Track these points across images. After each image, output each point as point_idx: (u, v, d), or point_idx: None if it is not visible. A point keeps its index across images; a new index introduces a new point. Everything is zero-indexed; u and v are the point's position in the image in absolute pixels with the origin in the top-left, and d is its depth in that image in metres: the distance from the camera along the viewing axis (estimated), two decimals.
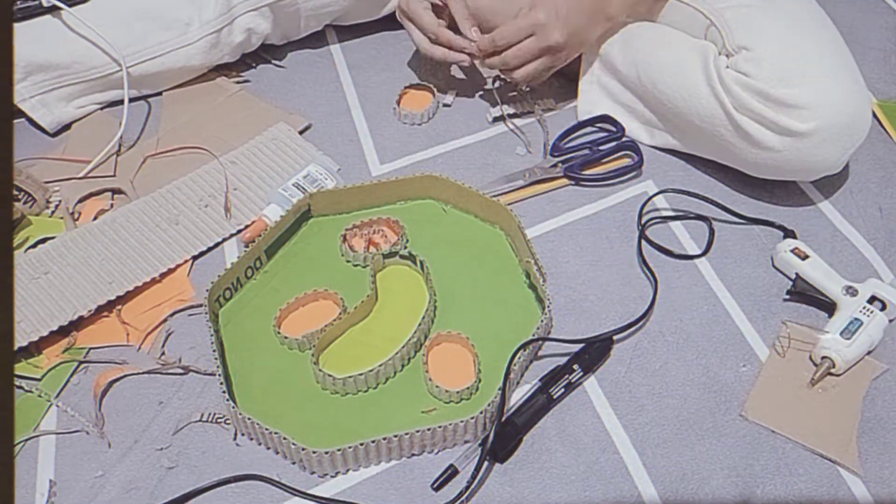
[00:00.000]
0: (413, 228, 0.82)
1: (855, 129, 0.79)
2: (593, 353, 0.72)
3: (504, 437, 0.66)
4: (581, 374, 0.70)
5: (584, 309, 0.77)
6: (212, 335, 0.70)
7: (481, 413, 0.66)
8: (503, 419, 0.67)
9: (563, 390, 0.69)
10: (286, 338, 0.72)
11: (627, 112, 0.93)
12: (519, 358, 0.69)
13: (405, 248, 0.80)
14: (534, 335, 0.71)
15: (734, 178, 0.88)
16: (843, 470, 0.67)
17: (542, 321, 0.72)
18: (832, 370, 0.72)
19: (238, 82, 0.99)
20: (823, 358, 0.72)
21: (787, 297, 0.78)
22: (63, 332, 0.73)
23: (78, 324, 0.74)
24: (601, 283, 0.79)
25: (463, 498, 0.64)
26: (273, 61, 1.02)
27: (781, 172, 0.83)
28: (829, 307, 0.76)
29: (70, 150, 0.90)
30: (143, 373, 0.71)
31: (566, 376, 0.70)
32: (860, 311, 0.73)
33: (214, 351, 0.68)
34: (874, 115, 0.97)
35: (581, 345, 0.73)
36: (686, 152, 0.91)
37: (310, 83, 0.99)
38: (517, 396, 0.70)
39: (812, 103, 0.76)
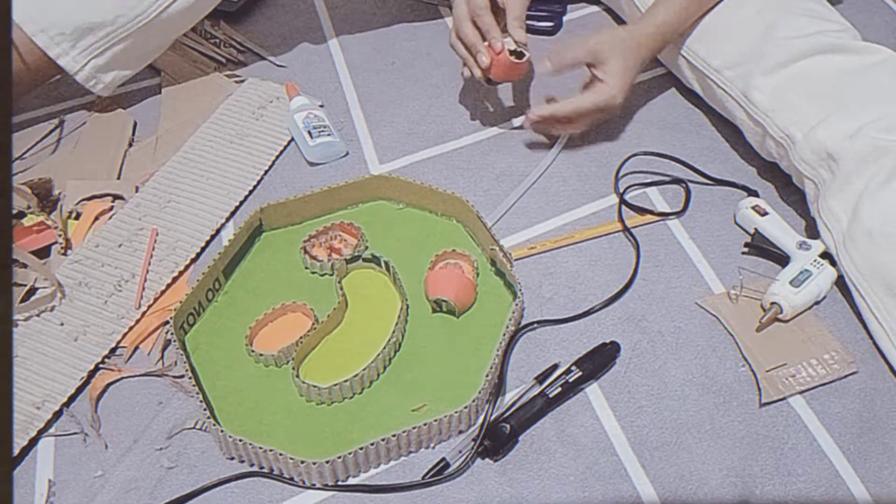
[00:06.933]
0: (370, 231, 0.81)
1: None
2: (597, 359, 0.72)
3: (496, 435, 0.66)
4: (578, 374, 0.70)
5: (585, 309, 0.77)
6: (184, 362, 0.68)
7: (473, 402, 0.66)
8: (497, 417, 0.67)
9: (559, 389, 0.69)
10: (261, 355, 0.71)
11: None
12: (509, 348, 0.69)
13: (366, 250, 0.80)
14: (509, 320, 0.72)
15: (698, 143, 0.90)
16: (842, 470, 0.67)
17: (515, 305, 0.73)
18: (779, 316, 0.74)
19: (238, 82, 0.99)
20: (772, 304, 0.74)
21: (745, 250, 0.81)
22: None
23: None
24: (602, 283, 0.79)
25: (448, 482, 0.65)
26: (273, 61, 1.02)
27: None
28: (784, 261, 0.79)
29: (81, 147, 0.90)
30: (139, 375, 0.71)
31: (563, 376, 0.70)
32: (811, 264, 0.76)
33: (191, 378, 0.67)
34: None
35: (572, 321, 0.74)
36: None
37: (310, 83, 0.99)
38: (513, 395, 0.70)
39: None
